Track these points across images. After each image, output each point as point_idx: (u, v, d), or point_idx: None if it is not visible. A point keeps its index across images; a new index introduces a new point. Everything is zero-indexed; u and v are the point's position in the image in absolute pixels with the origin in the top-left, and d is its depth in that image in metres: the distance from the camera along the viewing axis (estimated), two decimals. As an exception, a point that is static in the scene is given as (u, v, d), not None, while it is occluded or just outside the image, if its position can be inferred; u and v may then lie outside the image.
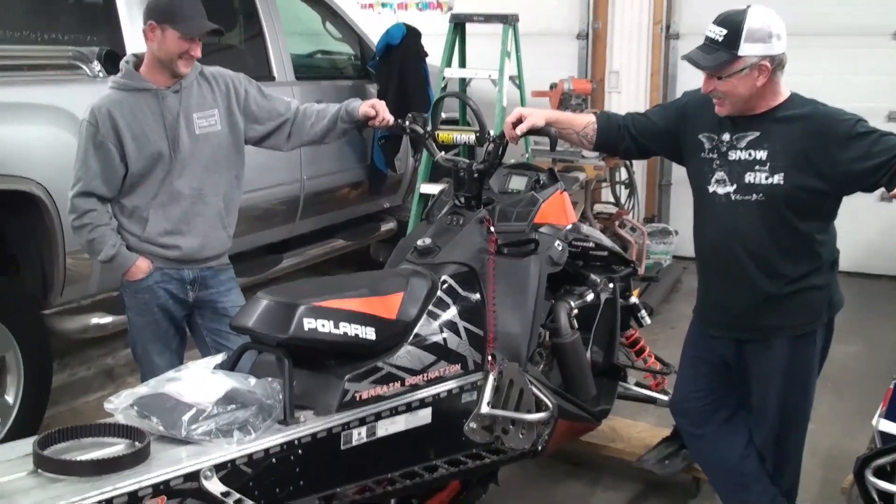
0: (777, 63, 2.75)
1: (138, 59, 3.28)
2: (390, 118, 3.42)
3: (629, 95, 7.29)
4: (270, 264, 5.20)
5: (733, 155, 2.86)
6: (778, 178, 2.78)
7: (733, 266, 2.92)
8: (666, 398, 3.79)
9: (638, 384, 3.86)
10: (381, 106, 3.43)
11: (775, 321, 2.92)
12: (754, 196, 2.82)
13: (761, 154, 2.81)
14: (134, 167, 3.22)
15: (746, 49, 2.70)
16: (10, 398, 3.68)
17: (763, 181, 2.80)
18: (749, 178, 2.82)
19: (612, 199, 7.15)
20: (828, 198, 2.83)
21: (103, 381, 4.62)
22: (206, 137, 3.31)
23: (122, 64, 3.30)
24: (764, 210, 2.82)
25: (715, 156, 2.90)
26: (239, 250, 4.60)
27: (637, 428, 3.93)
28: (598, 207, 7.02)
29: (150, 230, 3.28)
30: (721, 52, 2.73)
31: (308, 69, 5.72)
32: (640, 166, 7.32)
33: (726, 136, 2.87)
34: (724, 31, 2.71)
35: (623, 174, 7.06)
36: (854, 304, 6.24)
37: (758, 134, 2.82)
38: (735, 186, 2.85)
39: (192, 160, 3.29)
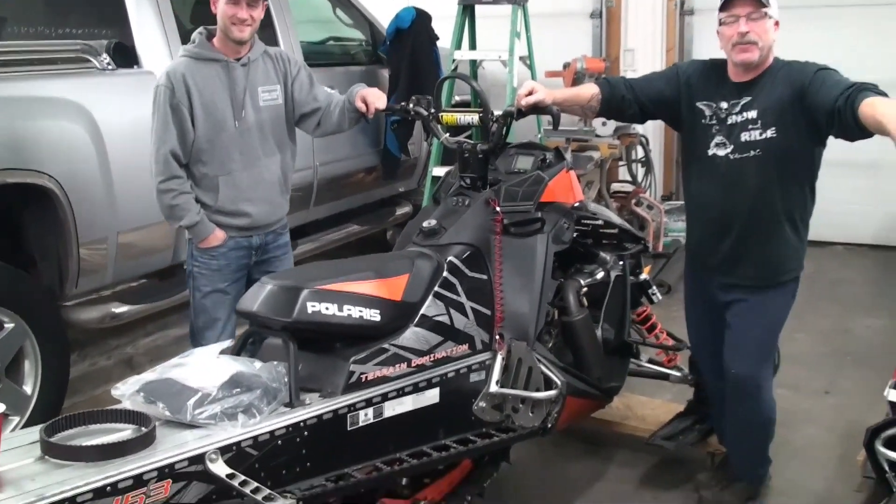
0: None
1: (209, 32, 3.49)
2: (381, 105, 3.56)
3: (645, 73, 7.21)
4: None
5: (731, 120, 3.08)
6: (770, 133, 3.00)
7: (729, 220, 3.12)
8: (679, 374, 3.79)
9: (651, 361, 3.85)
10: (371, 96, 3.56)
11: (759, 271, 3.14)
12: (752, 153, 3.04)
13: (752, 114, 3.03)
14: (200, 132, 3.39)
15: (771, 3, 2.97)
16: (28, 388, 3.73)
17: (758, 137, 3.02)
18: (744, 136, 3.04)
19: (628, 178, 7.10)
20: (814, 142, 3.02)
21: (123, 370, 4.65)
22: (268, 110, 3.54)
23: (194, 35, 3.50)
24: (761, 165, 3.03)
25: (714, 122, 3.11)
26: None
27: (651, 405, 3.92)
28: (614, 186, 6.99)
29: (223, 199, 3.46)
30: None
31: (319, 56, 5.72)
32: (656, 144, 7.27)
33: (724, 105, 3.09)
34: None
35: (639, 152, 7.01)
36: (877, 277, 6.24)
37: (749, 98, 3.05)
38: (733, 147, 3.07)
39: (256, 130, 3.49)
